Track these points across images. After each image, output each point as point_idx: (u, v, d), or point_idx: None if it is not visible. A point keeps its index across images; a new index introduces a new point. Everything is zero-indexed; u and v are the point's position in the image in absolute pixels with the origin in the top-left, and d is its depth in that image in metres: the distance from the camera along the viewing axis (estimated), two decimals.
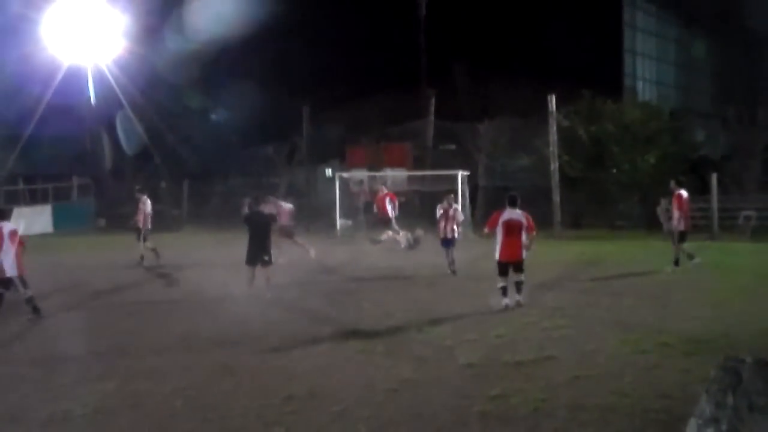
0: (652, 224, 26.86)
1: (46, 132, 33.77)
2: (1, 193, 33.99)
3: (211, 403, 8.02)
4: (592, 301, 13.58)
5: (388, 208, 24.57)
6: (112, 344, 10.96)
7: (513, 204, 13.18)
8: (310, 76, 41.52)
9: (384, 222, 24.87)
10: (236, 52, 39.59)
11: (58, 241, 27.86)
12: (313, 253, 20.01)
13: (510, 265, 12.96)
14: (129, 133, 37.65)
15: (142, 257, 20.39)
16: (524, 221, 12.97)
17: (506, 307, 12.69)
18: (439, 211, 17.39)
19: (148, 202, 20.87)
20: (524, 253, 13.01)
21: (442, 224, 17.16)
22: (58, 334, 11.93)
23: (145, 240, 20.58)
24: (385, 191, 25.34)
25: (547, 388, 8.25)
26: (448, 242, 17.19)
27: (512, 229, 12.89)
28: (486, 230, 13.48)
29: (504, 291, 12.91)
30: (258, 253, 14.62)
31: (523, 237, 12.96)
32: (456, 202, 18.15)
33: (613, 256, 20.55)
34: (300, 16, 41.89)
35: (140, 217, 20.50)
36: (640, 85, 49.91)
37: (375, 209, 25.82)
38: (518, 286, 13.02)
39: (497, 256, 13.04)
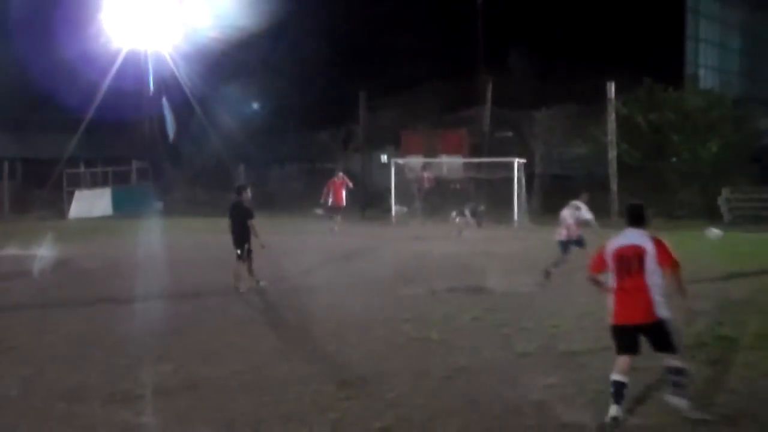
0: (712, 214, 26.45)
1: (106, 116, 34.41)
2: (63, 176, 34.79)
3: (266, 386, 8.09)
4: None
5: (343, 195, 25.01)
6: (170, 327, 11.12)
7: (637, 220, 7.35)
8: (367, 62, 41.51)
9: (337, 210, 25.08)
10: (293, 37, 39.82)
11: (116, 223, 28.32)
12: None
13: (638, 331, 7.04)
14: (185, 117, 38.20)
15: None
16: (652, 247, 7.10)
17: (614, 424, 6.73)
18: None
19: None
20: (664, 309, 6.98)
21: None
22: (118, 316, 12.13)
23: None
24: (342, 178, 25.50)
25: (603, 378, 8.12)
26: None
27: (628, 263, 7.06)
28: (589, 274, 7.49)
29: (618, 391, 6.89)
30: (234, 246, 14.25)
31: (655, 277, 7.04)
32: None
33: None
34: (358, 1, 41.88)
35: None
36: (702, 72, 48.76)
37: (331, 196, 25.41)
38: (675, 379, 7.02)
39: (611, 318, 7.22)
